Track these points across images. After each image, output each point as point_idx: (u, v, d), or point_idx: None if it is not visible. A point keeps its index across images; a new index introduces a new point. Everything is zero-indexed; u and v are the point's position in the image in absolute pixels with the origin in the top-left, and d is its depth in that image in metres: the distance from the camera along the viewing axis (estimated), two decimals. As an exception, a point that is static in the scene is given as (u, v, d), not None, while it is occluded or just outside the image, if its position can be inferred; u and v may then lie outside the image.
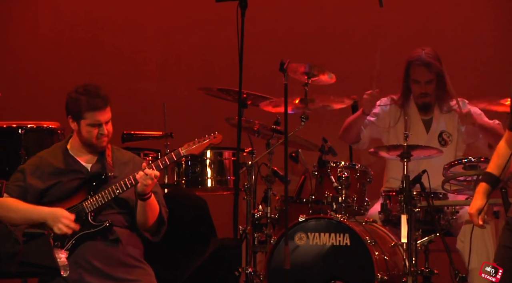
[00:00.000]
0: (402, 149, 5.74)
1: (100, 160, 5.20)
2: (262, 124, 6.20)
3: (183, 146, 5.22)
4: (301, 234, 5.79)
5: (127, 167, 5.22)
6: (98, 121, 5.11)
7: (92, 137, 5.13)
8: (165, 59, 8.04)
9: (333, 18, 7.79)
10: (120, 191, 5.07)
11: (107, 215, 5.11)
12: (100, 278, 5.04)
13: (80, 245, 5.06)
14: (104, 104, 5.12)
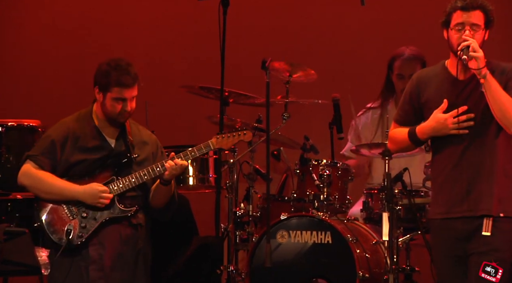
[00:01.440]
0: (383, 147, 5.75)
1: (122, 135, 5.23)
2: (244, 123, 6.19)
3: (212, 139, 5.24)
4: (283, 232, 5.79)
5: (147, 147, 5.27)
6: (123, 97, 5.15)
7: (115, 112, 5.17)
8: (148, 57, 8.02)
9: (315, 16, 7.80)
10: (147, 177, 5.13)
11: (129, 197, 5.16)
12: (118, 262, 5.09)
13: (105, 226, 5.10)
14: (133, 82, 5.18)
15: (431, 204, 4.75)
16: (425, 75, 4.71)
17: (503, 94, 4.47)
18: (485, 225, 4.54)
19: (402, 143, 4.74)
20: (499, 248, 4.52)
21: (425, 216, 5.93)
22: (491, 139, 4.55)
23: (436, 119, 4.57)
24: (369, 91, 6.90)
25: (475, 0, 4.53)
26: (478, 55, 4.46)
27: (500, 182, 4.54)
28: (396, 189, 5.77)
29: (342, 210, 6.12)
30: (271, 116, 5.32)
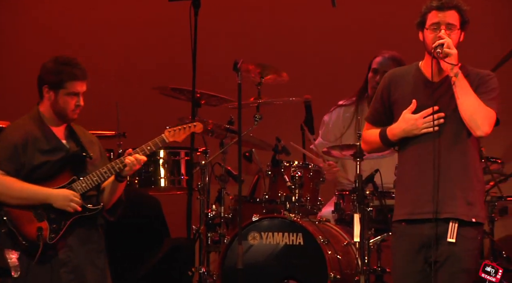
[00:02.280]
0: (355, 149, 5.77)
1: (72, 136, 5.19)
2: (216, 124, 6.19)
3: (165, 132, 5.22)
4: (255, 234, 5.79)
5: (95, 146, 5.24)
6: (77, 91, 5.12)
7: (68, 108, 5.12)
8: (119, 58, 8.00)
9: (287, 17, 7.81)
10: (109, 175, 5.09)
11: (90, 197, 5.12)
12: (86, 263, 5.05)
13: (72, 228, 5.05)
14: (84, 75, 5.15)
15: (396, 205, 4.68)
16: (397, 74, 4.70)
17: (473, 95, 4.48)
18: (451, 230, 4.48)
19: (374, 144, 4.73)
20: (463, 258, 4.48)
21: (396, 217, 5.95)
22: (461, 142, 4.53)
23: (405, 120, 4.56)
24: (340, 92, 6.91)
25: (451, 0, 4.53)
26: (453, 52, 4.46)
27: (470, 186, 4.52)
28: (367, 190, 5.78)
29: (314, 211, 6.13)
30: (243, 118, 5.32)
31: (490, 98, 4.50)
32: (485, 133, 4.47)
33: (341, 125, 6.58)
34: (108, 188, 5.16)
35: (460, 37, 4.56)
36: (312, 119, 6.56)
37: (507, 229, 7.10)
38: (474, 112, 4.47)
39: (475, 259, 4.53)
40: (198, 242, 6.08)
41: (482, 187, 4.62)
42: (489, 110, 4.47)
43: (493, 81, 4.54)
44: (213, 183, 6.26)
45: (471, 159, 4.53)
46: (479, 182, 4.56)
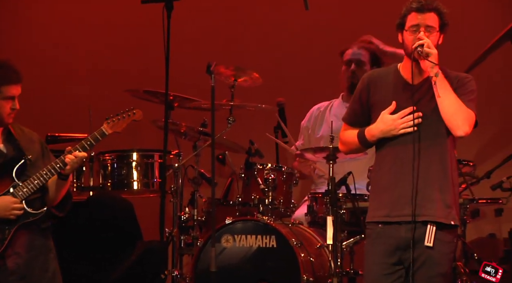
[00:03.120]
0: (328, 151, 5.78)
1: (9, 139, 5.12)
2: (189, 127, 6.19)
3: (104, 124, 5.17)
4: (228, 236, 5.79)
5: (35, 146, 5.16)
6: (12, 94, 5.05)
7: (3, 112, 5.06)
8: (91, 61, 7.97)
9: (260, 20, 7.82)
10: (50, 175, 5.03)
11: (34, 200, 5.06)
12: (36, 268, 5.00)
13: (17, 235, 4.99)
14: (19, 78, 5.09)
15: (370, 207, 4.65)
16: (376, 76, 4.68)
17: (454, 95, 4.48)
18: (428, 234, 4.47)
19: (351, 145, 4.70)
20: (439, 262, 4.47)
21: (368, 220, 5.97)
22: (440, 144, 4.53)
23: (384, 120, 4.55)
24: (314, 95, 6.93)
25: (430, 2, 4.54)
26: (433, 52, 4.47)
27: (448, 189, 4.51)
28: (340, 193, 5.79)
29: (287, 214, 6.13)
30: (216, 121, 5.31)
31: (469, 100, 4.51)
32: (466, 133, 4.47)
33: (312, 124, 6.60)
34: (53, 187, 5.10)
35: (439, 40, 4.57)
36: (286, 122, 6.57)
37: (478, 232, 7.14)
38: (455, 112, 4.47)
39: (451, 263, 4.55)
40: (171, 245, 6.07)
41: (457, 189, 4.63)
42: (469, 111, 4.48)
43: (472, 83, 4.56)
44: (186, 185, 6.25)
45: (450, 161, 4.54)
46: (455, 184, 4.57)
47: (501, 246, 6.94)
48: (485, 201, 6.14)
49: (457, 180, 4.61)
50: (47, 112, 5.17)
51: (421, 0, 4.54)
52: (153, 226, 6.16)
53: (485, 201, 6.14)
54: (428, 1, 4.54)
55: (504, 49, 6.30)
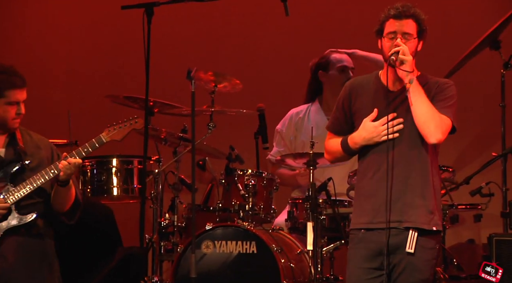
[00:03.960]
0: (308, 157, 5.79)
1: (11, 143, 5.11)
2: (169, 132, 6.18)
3: (104, 132, 5.17)
4: (208, 242, 5.78)
5: (40, 152, 5.15)
6: (17, 99, 5.05)
7: (8, 117, 5.06)
8: (71, 66, 7.94)
9: (240, 26, 7.82)
10: (41, 181, 5.01)
11: (27, 205, 5.03)
12: (22, 274, 4.96)
13: (4, 238, 4.97)
14: (23, 83, 5.08)
15: (353, 214, 4.68)
16: (358, 84, 4.69)
17: (427, 102, 4.49)
18: (410, 240, 4.48)
19: (336, 153, 4.71)
20: (421, 269, 4.48)
21: (348, 225, 5.98)
22: (420, 150, 4.54)
23: (366, 128, 4.56)
24: (294, 101, 6.94)
25: (408, 9, 4.55)
26: (407, 59, 4.49)
27: (430, 194, 4.52)
28: (320, 199, 5.80)
29: (267, 219, 6.13)
30: (197, 126, 5.31)
31: (446, 106, 4.52)
32: (438, 140, 4.49)
33: (293, 129, 6.60)
34: (55, 194, 5.09)
35: (418, 46, 4.59)
36: (266, 127, 6.57)
37: (457, 237, 7.17)
38: (427, 119, 4.48)
39: (433, 269, 4.55)
40: (151, 251, 6.05)
41: (440, 194, 4.63)
42: (443, 118, 4.49)
43: (451, 89, 4.57)
44: (167, 191, 6.24)
45: (431, 166, 4.55)
46: (437, 189, 4.57)
47: (480, 251, 6.97)
48: (464, 206, 6.17)
49: (439, 185, 4.61)
50: (25, 116, 5.13)
51: (399, 7, 4.56)
52: (133, 232, 6.15)
53: (464, 207, 6.17)
54: (406, 7, 4.56)
55: (482, 55, 6.34)
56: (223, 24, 7.82)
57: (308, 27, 7.69)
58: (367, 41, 4.76)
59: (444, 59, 4.85)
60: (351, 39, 7.54)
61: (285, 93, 7.63)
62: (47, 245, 5.08)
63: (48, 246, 5.08)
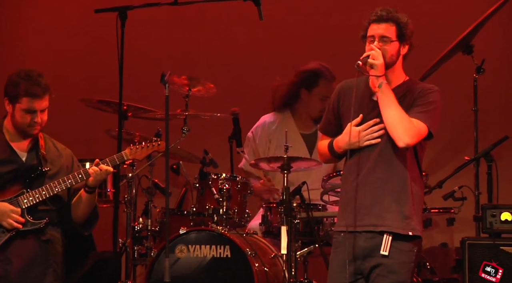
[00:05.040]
0: (282, 161, 5.79)
1: (34, 149, 5.13)
2: (142, 136, 6.16)
3: (126, 150, 5.19)
4: (182, 246, 5.77)
5: (61, 160, 5.18)
6: (33, 108, 5.05)
7: (25, 123, 5.07)
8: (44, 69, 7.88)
9: (214, 30, 7.82)
10: (58, 189, 5.05)
11: (41, 211, 5.04)
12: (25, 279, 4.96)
13: (12, 241, 4.97)
14: (42, 93, 5.09)
15: (337, 216, 4.74)
16: (346, 86, 4.72)
17: (395, 106, 4.51)
18: (384, 243, 4.52)
19: (326, 155, 4.75)
20: (396, 270, 4.51)
21: (323, 229, 6.00)
22: (398, 156, 4.56)
23: (347, 133, 4.60)
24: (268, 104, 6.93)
25: (387, 13, 4.59)
26: (376, 63, 4.52)
27: (407, 199, 4.54)
28: (294, 203, 5.81)
29: (241, 223, 6.13)
30: (171, 130, 5.29)
31: (423, 111, 4.54)
32: (406, 144, 4.51)
33: (266, 140, 6.60)
34: (78, 201, 5.14)
35: (401, 50, 4.61)
36: (240, 132, 6.57)
37: (430, 241, 7.20)
38: (394, 123, 4.50)
39: (410, 272, 4.55)
40: (124, 256, 6.03)
41: (420, 199, 4.63)
42: (414, 122, 4.51)
43: (432, 95, 4.58)
44: (140, 195, 6.22)
45: (410, 172, 4.57)
46: (416, 194, 4.58)
47: (453, 255, 7.00)
48: (437, 210, 6.20)
49: (420, 191, 4.62)
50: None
51: (379, 11, 4.61)
52: (106, 236, 6.12)
53: (437, 211, 6.20)
54: (385, 11, 4.60)
55: (455, 59, 6.38)
56: (197, 28, 7.81)
57: (282, 31, 7.70)
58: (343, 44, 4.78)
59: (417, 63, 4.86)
60: (327, 44, 7.57)
61: (259, 97, 7.62)
62: (55, 253, 5.08)
63: (55, 254, 5.08)
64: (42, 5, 7.98)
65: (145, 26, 7.53)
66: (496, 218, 5.59)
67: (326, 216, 6.03)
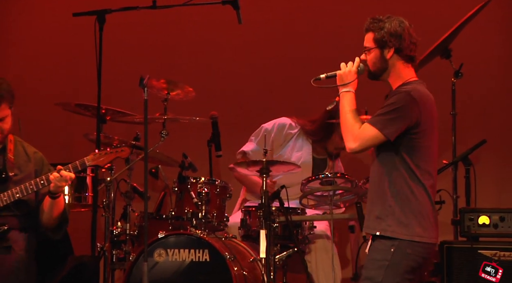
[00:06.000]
0: (261, 165, 5.79)
1: (1, 153, 5.07)
2: (121, 140, 6.14)
3: (89, 156, 5.15)
4: (161, 251, 5.76)
5: (29, 165, 5.13)
6: None
7: None
8: (21, 73, 7.86)
9: (193, 33, 7.81)
10: (20, 195, 5.05)
11: (4, 217, 4.98)
12: None
13: None
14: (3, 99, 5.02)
15: None
16: None
17: (346, 114, 4.63)
18: (368, 243, 4.64)
19: None
20: (366, 266, 4.59)
21: (301, 233, 6.00)
22: (381, 159, 4.62)
23: None
24: (247, 108, 6.95)
25: (369, 23, 4.70)
26: (338, 73, 4.68)
27: (381, 201, 4.59)
28: (273, 207, 5.81)
29: (220, 227, 6.13)
30: (149, 134, 5.28)
31: (378, 114, 4.61)
32: (351, 150, 4.61)
33: (282, 139, 6.56)
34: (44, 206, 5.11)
35: (384, 54, 4.66)
36: (219, 135, 6.56)
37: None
38: (344, 130, 4.65)
39: (381, 269, 4.56)
40: (102, 260, 6.01)
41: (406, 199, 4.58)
42: (363, 127, 4.59)
43: (395, 97, 4.60)
44: (119, 199, 6.20)
45: (395, 176, 4.59)
46: (401, 195, 4.58)
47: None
48: (415, 214, 6.21)
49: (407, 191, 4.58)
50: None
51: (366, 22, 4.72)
52: (84, 240, 6.09)
53: (416, 214, 6.21)
54: (368, 22, 4.71)
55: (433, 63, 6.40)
56: (175, 31, 7.81)
57: (260, 35, 7.70)
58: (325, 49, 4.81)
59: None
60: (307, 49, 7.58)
61: (238, 101, 7.64)
62: (20, 260, 5.04)
63: (20, 261, 5.04)
64: (19, 9, 7.94)
65: (124, 30, 7.52)
66: (474, 221, 5.62)
67: (304, 220, 6.04)
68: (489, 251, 5.45)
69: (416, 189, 4.58)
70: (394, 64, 4.67)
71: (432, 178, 4.61)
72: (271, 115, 6.72)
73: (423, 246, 4.55)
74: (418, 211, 4.57)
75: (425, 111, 4.59)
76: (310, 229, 6.07)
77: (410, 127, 4.56)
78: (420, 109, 4.57)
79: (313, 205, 6.06)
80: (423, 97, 4.61)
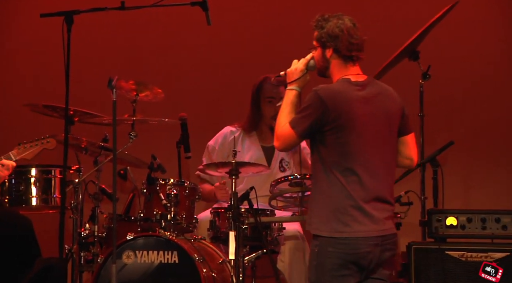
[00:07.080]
0: (230, 166, 5.79)
1: None
2: (89, 141, 6.11)
3: (14, 150, 5.09)
4: (129, 252, 5.74)
5: None
6: None
7: None
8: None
9: (161, 35, 7.80)
10: None
11: None
12: None
13: None
14: None
15: None
16: None
17: (280, 114, 4.69)
18: None
19: None
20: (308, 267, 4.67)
21: (270, 235, 6.01)
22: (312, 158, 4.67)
23: None
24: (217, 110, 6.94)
25: (314, 22, 4.74)
26: (288, 70, 4.76)
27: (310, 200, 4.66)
28: (242, 208, 5.81)
29: (189, 229, 6.12)
30: (118, 135, 5.26)
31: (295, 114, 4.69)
32: (277, 148, 4.69)
33: (227, 149, 6.56)
34: None
35: (326, 53, 4.69)
36: (188, 137, 6.55)
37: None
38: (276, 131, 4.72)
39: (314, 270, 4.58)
40: (70, 262, 5.98)
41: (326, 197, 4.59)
42: (283, 127, 4.65)
43: (307, 96, 4.65)
44: (87, 201, 6.17)
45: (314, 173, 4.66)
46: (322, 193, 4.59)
47: (399, 259, 7.06)
48: (384, 215, 6.23)
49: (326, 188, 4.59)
50: None
51: None
52: (52, 242, 6.05)
53: (384, 215, 6.23)
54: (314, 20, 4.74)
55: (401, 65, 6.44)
56: (144, 32, 7.79)
57: (229, 36, 7.71)
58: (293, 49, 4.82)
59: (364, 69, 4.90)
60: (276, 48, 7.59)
61: (207, 102, 7.63)
62: None
63: None
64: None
65: (92, 31, 7.49)
66: (441, 222, 5.66)
67: (274, 221, 6.04)
68: (456, 251, 5.49)
69: (332, 186, 4.57)
70: (334, 63, 4.70)
71: (356, 174, 4.55)
72: (240, 117, 6.72)
73: (344, 242, 4.52)
74: (335, 207, 4.55)
75: (334, 108, 4.54)
76: (279, 230, 6.08)
77: (322, 124, 4.56)
78: (327, 106, 4.54)
79: (282, 206, 6.07)
80: (332, 94, 4.58)
